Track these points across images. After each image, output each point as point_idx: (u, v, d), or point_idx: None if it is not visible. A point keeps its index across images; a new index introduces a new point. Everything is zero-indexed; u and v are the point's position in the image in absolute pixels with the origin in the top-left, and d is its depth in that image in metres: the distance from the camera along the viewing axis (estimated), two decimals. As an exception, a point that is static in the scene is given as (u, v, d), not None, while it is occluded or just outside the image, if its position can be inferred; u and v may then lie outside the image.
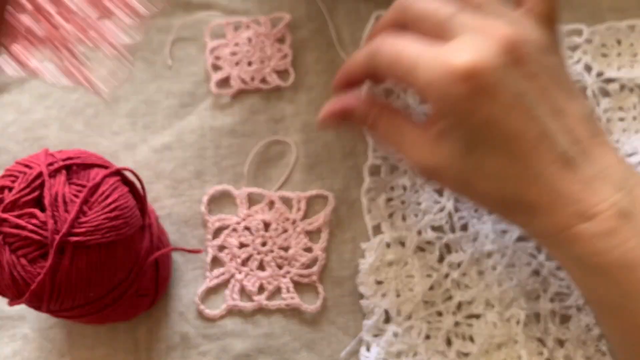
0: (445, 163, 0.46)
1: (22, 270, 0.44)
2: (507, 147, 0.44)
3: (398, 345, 0.54)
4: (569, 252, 0.44)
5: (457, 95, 0.43)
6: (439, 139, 0.46)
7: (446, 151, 0.45)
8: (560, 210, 0.44)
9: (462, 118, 0.44)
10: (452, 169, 0.46)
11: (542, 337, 0.55)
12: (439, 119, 0.45)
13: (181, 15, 0.66)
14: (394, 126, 0.49)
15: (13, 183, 0.46)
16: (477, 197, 0.48)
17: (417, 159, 0.47)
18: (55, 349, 0.56)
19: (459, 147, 0.45)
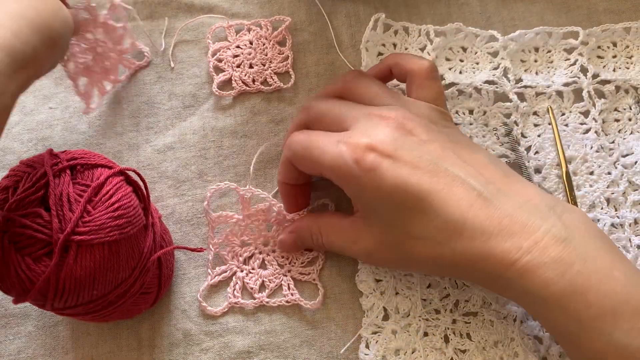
0: (376, 241, 0.49)
1: (27, 269, 0.44)
2: (423, 205, 0.46)
3: (396, 342, 0.55)
4: (521, 288, 0.44)
5: (359, 169, 0.46)
6: (363, 222, 0.50)
7: (373, 229, 0.49)
8: (497, 249, 0.44)
9: (369, 191, 0.47)
10: (384, 244, 0.49)
11: (539, 334, 0.55)
12: (355, 202, 0.51)
13: (183, 18, 0.67)
14: (333, 233, 0.53)
15: (18, 183, 0.46)
16: (421, 264, 0.49)
17: (357, 250, 0.51)
18: (59, 346, 0.56)
19: (379, 220, 0.48)
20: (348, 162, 0.46)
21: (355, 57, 0.65)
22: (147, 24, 0.67)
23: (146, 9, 0.67)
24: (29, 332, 0.56)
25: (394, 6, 0.66)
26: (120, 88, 0.65)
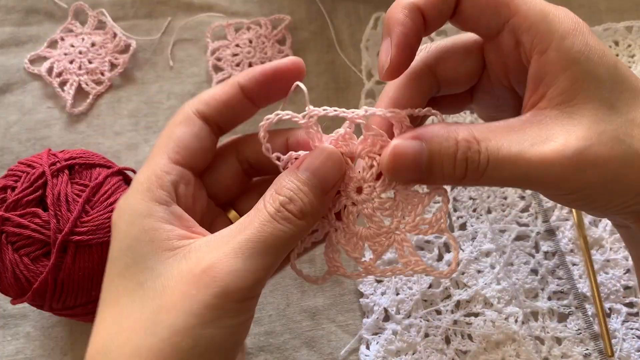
0: (588, 133, 0.33)
1: (25, 269, 0.44)
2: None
3: (397, 343, 0.55)
4: None
5: (585, 27, 0.34)
6: (560, 113, 0.34)
7: (581, 119, 0.34)
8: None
9: (595, 58, 0.34)
10: (603, 135, 0.34)
11: (540, 335, 0.55)
12: (559, 73, 0.34)
13: (183, 17, 0.67)
14: (501, 135, 0.34)
15: (16, 182, 0.46)
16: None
17: (552, 151, 0.33)
18: (57, 347, 0.56)
19: (592, 105, 0.34)
20: (565, 11, 0.35)
21: (355, 56, 0.65)
22: (146, 22, 0.67)
23: (145, 8, 0.67)
24: (27, 333, 0.56)
25: (394, 5, 0.66)
26: (120, 88, 0.65)
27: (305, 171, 0.35)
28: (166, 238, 0.34)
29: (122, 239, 0.35)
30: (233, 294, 0.32)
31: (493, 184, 0.35)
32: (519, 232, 0.58)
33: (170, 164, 0.37)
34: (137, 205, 0.35)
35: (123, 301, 0.34)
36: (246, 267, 0.32)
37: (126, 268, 0.34)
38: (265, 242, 0.33)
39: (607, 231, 0.58)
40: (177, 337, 0.32)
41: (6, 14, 0.67)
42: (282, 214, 0.34)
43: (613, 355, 0.54)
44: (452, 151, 0.34)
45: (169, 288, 0.33)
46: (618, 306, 0.56)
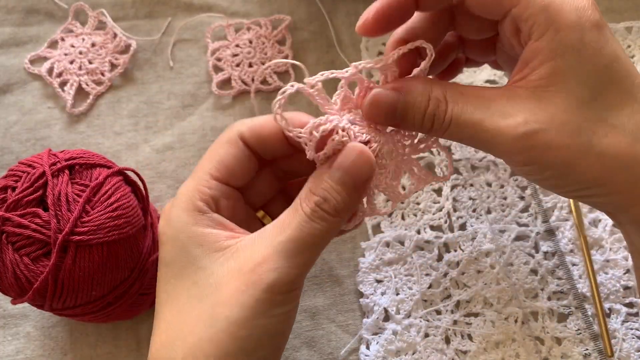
0: (552, 118, 0.35)
1: (25, 269, 0.44)
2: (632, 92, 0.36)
3: (397, 343, 0.55)
4: None
5: (586, 19, 0.36)
6: (537, 92, 0.36)
7: (553, 102, 0.36)
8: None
9: (588, 50, 0.36)
10: (565, 125, 0.35)
11: (540, 335, 0.55)
12: (538, 61, 0.36)
13: (183, 17, 0.67)
14: (469, 101, 0.38)
15: (16, 183, 0.46)
16: (595, 162, 0.36)
17: (508, 126, 0.36)
18: (57, 347, 0.56)
19: (571, 92, 0.36)
20: (579, 2, 0.36)
21: (355, 56, 0.65)
22: (146, 22, 0.67)
23: (145, 8, 0.67)
24: (27, 332, 0.56)
25: (394, 5, 0.66)
26: (120, 88, 0.65)
27: (337, 170, 0.38)
28: (214, 240, 0.38)
29: (172, 245, 0.39)
30: (278, 288, 0.36)
31: (456, 140, 0.39)
32: (519, 232, 0.58)
33: (211, 180, 0.40)
34: (182, 215, 0.39)
35: (181, 299, 0.38)
36: (288, 264, 0.36)
37: (181, 270, 0.38)
38: (304, 240, 0.37)
39: (607, 231, 0.58)
40: (234, 327, 0.36)
41: (6, 14, 0.67)
42: (318, 213, 0.37)
43: (613, 356, 0.54)
44: (424, 106, 0.38)
45: (222, 285, 0.37)
46: (618, 306, 0.56)
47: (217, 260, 0.38)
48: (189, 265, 0.38)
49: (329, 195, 0.37)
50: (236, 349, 0.36)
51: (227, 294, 0.36)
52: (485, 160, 0.61)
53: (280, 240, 0.37)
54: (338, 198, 0.37)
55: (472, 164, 0.61)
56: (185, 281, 0.38)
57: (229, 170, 0.41)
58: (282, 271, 0.36)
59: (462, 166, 0.61)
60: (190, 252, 0.38)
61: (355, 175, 0.38)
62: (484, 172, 0.61)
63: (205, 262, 0.38)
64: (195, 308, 0.37)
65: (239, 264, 0.37)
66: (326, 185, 0.38)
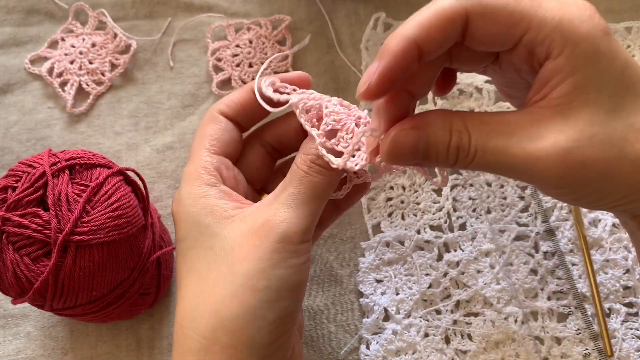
0: (580, 135, 0.34)
1: (26, 269, 0.44)
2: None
3: (397, 343, 0.55)
4: None
5: (595, 27, 0.35)
6: (559, 110, 0.35)
7: (577, 118, 0.35)
8: None
9: (603, 60, 0.35)
10: (595, 138, 0.34)
11: (540, 335, 0.55)
12: (560, 80, 0.35)
13: (183, 17, 0.67)
14: (491, 129, 0.36)
15: (16, 183, 0.46)
16: (633, 176, 0.35)
17: (539, 150, 0.34)
18: (58, 347, 0.56)
19: (593, 104, 0.35)
20: (583, 11, 0.35)
21: (355, 56, 0.65)
22: (146, 22, 0.67)
23: (145, 8, 0.67)
24: (27, 332, 0.56)
25: (394, 5, 0.66)
26: (120, 88, 0.65)
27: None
28: (223, 209, 0.41)
29: (185, 220, 0.42)
30: (290, 237, 0.39)
31: (483, 170, 0.39)
32: (519, 232, 0.58)
33: (209, 154, 0.43)
34: (192, 190, 0.42)
35: (199, 266, 0.40)
36: (296, 214, 0.39)
37: (195, 240, 0.41)
38: (305, 193, 0.40)
39: (606, 231, 0.58)
40: (253, 280, 0.38)
41: (6, 14, 0.67)
42: (314, 168, 0.40)
43: (612, 355, 0.54)
44: (447, 140, 0.36)
45: (236, 245, 0.39)
46: (617, 306, 0.56)
47: (229, 226, 0.40)
48: (202, 235, 0.41)
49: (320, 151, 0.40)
50: (257, 301, 0.38)
51: (242, 251, 0.39)
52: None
53: (284, 196, 0.40)
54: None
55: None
56: (200, 250, 0.40)
57: (221, 142, 0.45)
58: (292, 221, 0.39)
59: (462, 166, 0.61)
60: (202, 222, 0.41)
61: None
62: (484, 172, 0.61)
63: (218, 229, 0.40)
64: (213, 271, 0.39)
65: (249, 225, 0.40)
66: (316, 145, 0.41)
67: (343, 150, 0.41)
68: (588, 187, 0.35)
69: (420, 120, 0.37)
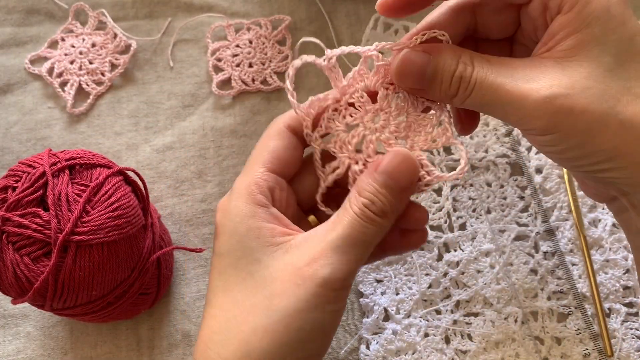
0: (574, 84, 0.35)
1: (26, 269, 0.44)
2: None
3: (397, 343, 0.55)
4: None
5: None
6: (559, 61, 0.36)
7: (575, 70, 0.36)
8: None
9: (617, 16, 0.36)
10: (587, 91, 0.35)
11: (540, 335, 0.55)
12: (571, 33, 0.36)
13: (183, 17, 0.67)
14: (493, 65, 0.38)
15: (17, 183, 0.46)
16: (621, 131, 0.35)
17: (530, 89, 0.35)
18: (58, 346, 0.56)
19: (597, 60, 0.36)
20: None
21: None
22: (146, 22, 0.67)
23: (145, 8, 0.67)
24: (27, 332, 0.56)
25: (394, 5, 0.66)
26: (120, 88, 0.65)
27: (382, 174, 0.39)
28: (270, 235, 0.39)
29: (230, 235, 0.40)
30: (332, 283, 0.37)
31: (476, 108, 0.39)
32: (519, 232, 0.58)
33: (266, 172, 0.42)
34: (241, 207, 0.40)
35: (236, 289, 0.39)
36: (341, 260, 0.38)
37: (237, 260, 0.40)
38: (355, 238, 0.38)
39: (606, 231, 0.58)
40: (289, 318, 0.37)
41: (7, 14, 0.67)
42: (366, 214, 0.39)
43: (612, 355, 0.54)
44: (453, 68, 0.38)
45: (278, 278, 0.38)
46: (617, 306, 0.56)
47: (273, 254, 0.39)
48: (245, 256, 0.39)
49: (375, 198, 0.39)
50: (290, 340, 0.37)
51: (283, 286, 0.38)
52: (485, 160, 0.61)
53: (333, 237, 0.38)
54: (384, 200, 0.39)
55: (472, 164, 0.61)
56: (241, 272, 0.39)
57: (281, 160, 0.42)
58: (336, 267, 0.38)
59: (462, 166, 0.61)
60: (247, 244, 0.40)
61: (398, 180, 0.39)
62: (483, 172, 0.61)
63: (261, 255, 0.39)
64: (250, 298, 0.38)
65: (294, 259, 0.38)
66: (372, 188, 0.39)
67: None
68: (572, 138, 0.36)
69: (432, 47, 0.39)
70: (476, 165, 0.61)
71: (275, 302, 0.37)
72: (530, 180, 0.60)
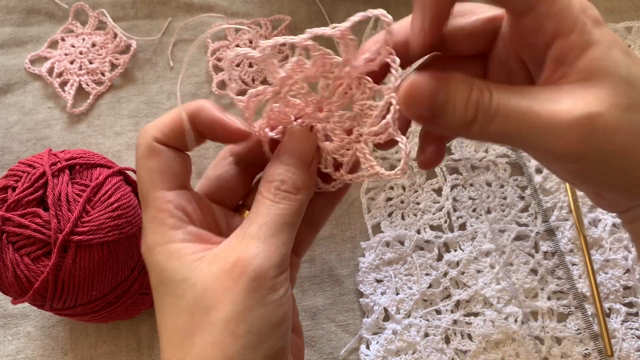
0: (601, 101, 0.33)
1: (26, 269, 0.44)
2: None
3: (397, 343, 0.55)
4: None
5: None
6: (588, 78, 0.35)
7: (597, 88, 0.34)
8: None
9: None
10: (619, 105, 0.33)
11: (540, 335, 0.55)
12: (580, 55, 0.35)
13: (183, 17, 0.67)
14: (512, 90, 0.35)
15: (17, 183, 0.46)
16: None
17: (560, 111, 0.33)
18: (58, 346, 0.56)
19: (623, 71, 0.34)
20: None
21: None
22: (146, 22, 0.67)
23: (145, 8, 0.67)
24: (27, 332, 0.56)
25: (394, 5, 0.66)
26: (120, 88, 0.65)
27: (283, 154, 0.39)
28: (191, 252, 0.37)
29: (154, 269, 0.38)
30: (265, 273, 0.36)
31: (500, 138, 0.35)
32: (519, 232, 0.58)
33: (165, 193, 0.39)
34: (157, 238, 0.38)
35: (173, 317, 0.37)
36: (267, 247, 0.36)
37: (165, 288, 0.37)
38: (275, 222, 0.37)
39: (606, 231, 0.58)
40: (232, 326, 0.35)
41: (7, 14, 0.67)
42: (280, 194, 0.38)
43: (613, 355, 0.54)
44: (467, 93, 0.34)
45: (208, 290, 0.36)
46: (617, 306, 0.56)
47: (197, 269, 0.37)
48: (171, 282, 0.37)
49: (284, 176, 0.39)
50: (240, 348, 0.35)
51: (217, 296, 0.36)
52: (485, 160, 0.61)
53: (252, 229, 0.37)
54: (293, 176, 0.39)
55: (472, 164, 0.61)
56: (172, 298, 0.37)
57: (173, 174, 0.40)
58: (263, 255, 0.36)
59: (462, 166, 0.61)
60: (169, 268, 0.37)
61: (301, 154, 0.39)
62: (484, 172, 0.61)
63: (186, 273, 0.37)
64: (190, 320, 0.36)
65: (219, 265, 0.37)
66: (279, 170, 0.39)
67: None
68: (607, 159, 0.34)
69: (442, 73, 0.35)
70: (476, 165, 0.61)
71: (213, 315, 0.36)
72: (531, 180, 0.60)
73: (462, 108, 0.35)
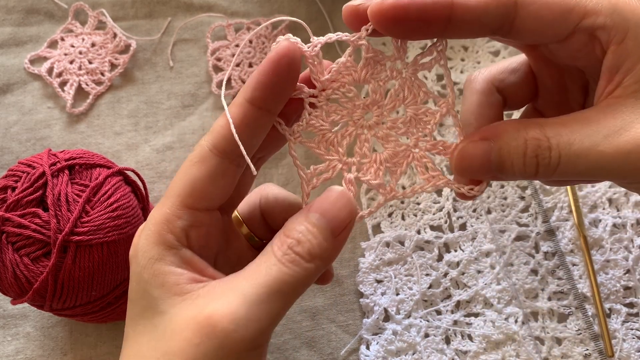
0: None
1: (25, 269, 0.44)
2: None
3: (397, 343, 0.55)
4: None
5: None
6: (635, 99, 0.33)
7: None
8: None
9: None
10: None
11: (540, 335, 0.55)
12: (637, 60, 0.33)
13: (183, 17, 0.67)
14: (571, 128, 0.33)
15: (16, 183, 0.46)
16: None
17: (627, 142, 0.32)
18: (57, 347, 0.56)
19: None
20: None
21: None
22: (146, 22, 0.67)
23: (145, 8, 0.67)
24: (27, 333, 0.56)
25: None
26: (120, 88, 0.65)
27: (314, 213, 0.34)
28: (175, 282, 0.34)
29: (137, 282, 0.35)
30: (235, 344, 0.31)
31: (569, 178, 0.34)
32: (519, 232, 0.58)
33: (182, 208, 0.35)
34: (149, 248, 0.35)
35: (142, 340, 0.34)
36: (249, 315, 0.32)
37: (143, 310, 0.34)
38: (270, 287, 0.32)
39: (607, 231, 0.58)
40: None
41: (6, 14, 0.67)
42: (289, 256, 0.33)
43: (613, 356, 0.54)
44: (522, 150, 0.33)
45: (176, 334, 0.32)
46: (618, 306, 0.56)
47: (177, 305, 0.33)
48: (150, 307, 0.34)
49: (304, 237, 0.33)
50: None
51: (180, 345, 0.32)
52: (485, 160, 0.61)
53: (245, 286, 0.32)
54: (313, 241, 0.33)
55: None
56: (148, 322, 0.34)
57: (204, 193, 0.35)
58: (240, 324, 0.31)
59: (462, 166, 0.61)
60: (151, 293, 0.34)
61: (333, 219, 0.34)
62: (484, 172, 0.61)
63: (165, 306, 0.34)
64: (154, 353, 0.33)
65: (194, 312, 0.32)
66: (301, 227, 0.34)
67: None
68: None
69: (490, 131, 0.34)
70: (476, 165, 0.61)
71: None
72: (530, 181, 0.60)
73: (520, 165, 0.33)
